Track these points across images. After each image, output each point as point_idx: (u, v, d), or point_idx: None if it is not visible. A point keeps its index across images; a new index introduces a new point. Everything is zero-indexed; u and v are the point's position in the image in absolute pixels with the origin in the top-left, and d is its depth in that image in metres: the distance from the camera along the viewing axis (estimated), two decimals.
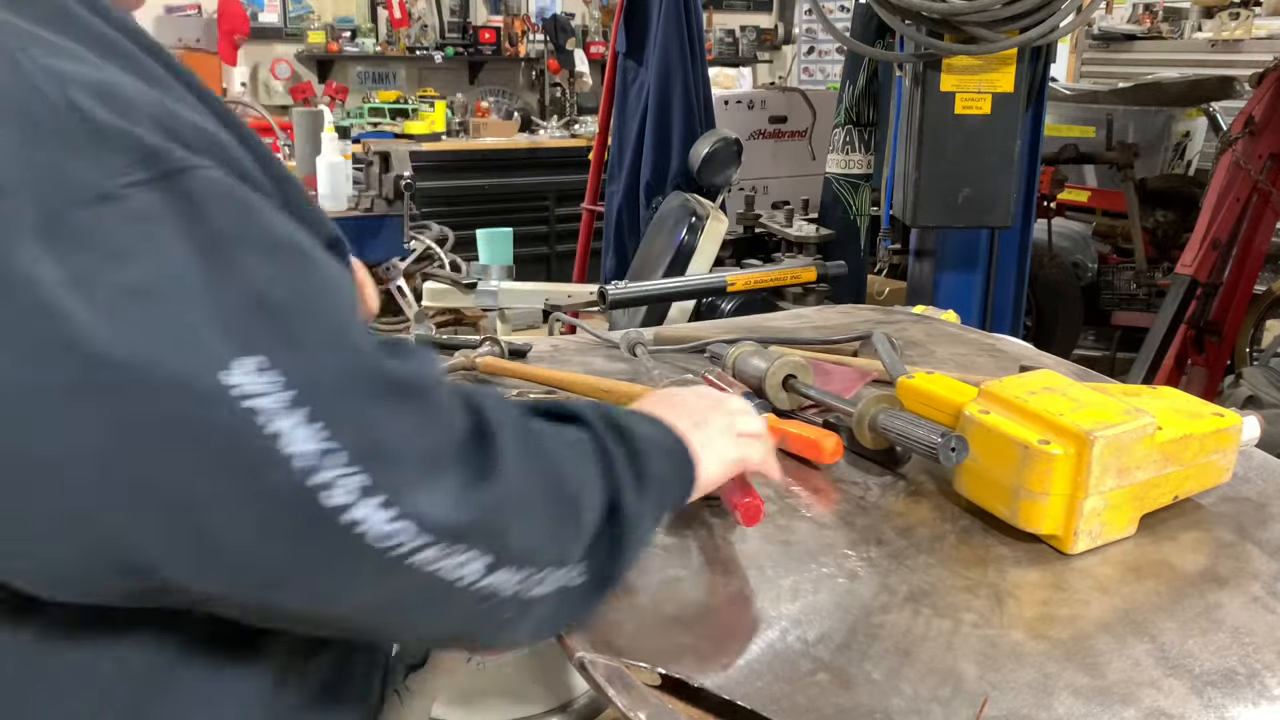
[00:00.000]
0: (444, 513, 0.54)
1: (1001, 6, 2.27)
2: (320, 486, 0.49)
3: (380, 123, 5.91)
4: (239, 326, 0.48)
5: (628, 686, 0.70)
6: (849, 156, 3.63)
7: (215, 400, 0.47)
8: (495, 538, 0.57)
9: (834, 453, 1.05)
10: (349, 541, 0.51)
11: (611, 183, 3.92)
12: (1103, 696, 0.71)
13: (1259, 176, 3.35)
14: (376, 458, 0.51)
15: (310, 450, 0.49)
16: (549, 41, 6.61)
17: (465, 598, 0.57)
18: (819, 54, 7.01)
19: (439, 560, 0.54)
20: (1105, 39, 6.30)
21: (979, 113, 2.41)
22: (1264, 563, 0.90)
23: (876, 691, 0.70)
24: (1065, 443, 0.88)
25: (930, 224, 2.61)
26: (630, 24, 3.77)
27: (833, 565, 0.87)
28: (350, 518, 0.50)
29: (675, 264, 2.84)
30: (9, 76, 0.48)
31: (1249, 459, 1.09)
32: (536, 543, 0.61)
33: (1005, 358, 1.43)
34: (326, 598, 0.54)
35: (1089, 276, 4.55)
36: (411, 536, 0.52)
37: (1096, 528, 0.90)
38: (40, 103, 0.48)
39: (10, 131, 0.47)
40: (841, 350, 1.42)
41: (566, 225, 5.55)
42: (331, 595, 0.54)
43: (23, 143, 0.47)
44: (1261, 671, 0.74)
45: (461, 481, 0.56)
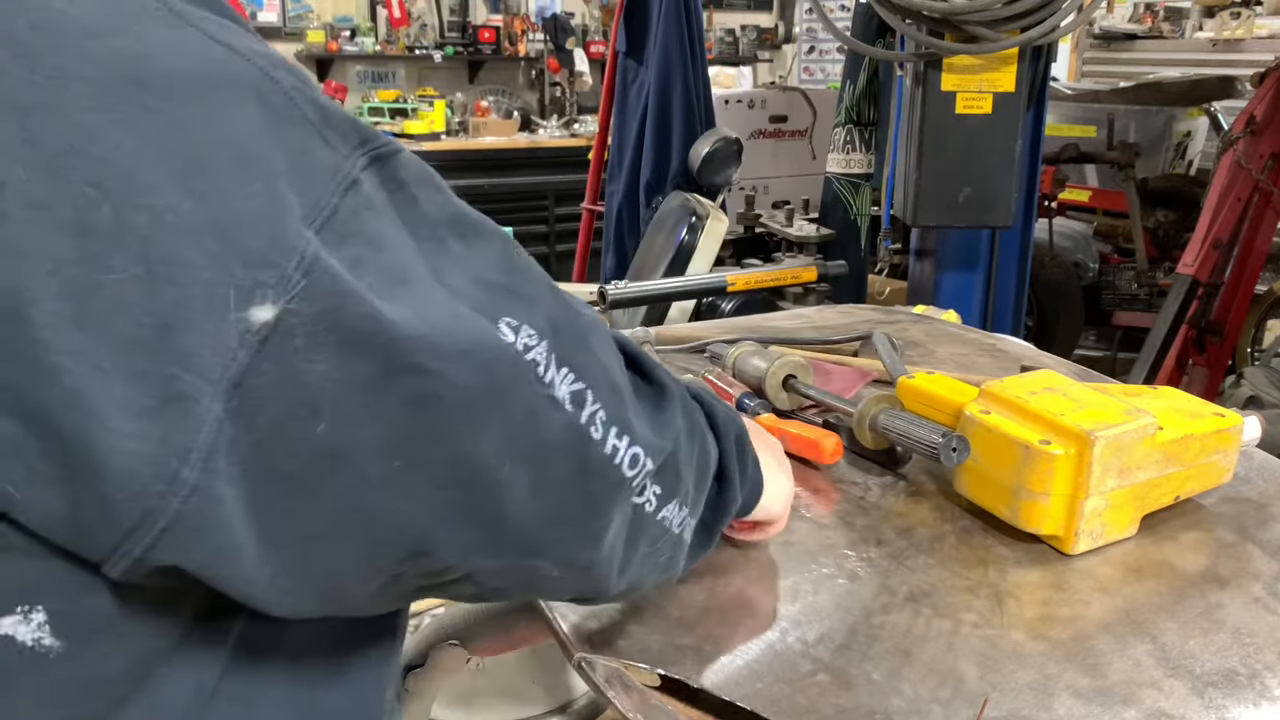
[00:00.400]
0: (652, 439, 0.57)
1: (1002, 6, 2.27)
2: (587, 423, 0.52)
3: (380, 122, 5.91)
4: (480, 297, 0.49)
5: (628, 687, 0.70)
6: (849, 156, 3.63)
7: (506, 358, 0.48)
8: (673, 469, 0.61)
9: (834, 453, 1.04)
10: (612, 473, 0.54)
11: (611, 182, 3.92)
12: (1103, 697, 0.71)
13: (1260, 176, 3.35)
14: (610, 391, 0.54)
15: (573, 391, 0.51)
16: (549, 41, 6.61)
17: (654, 528, 0.61)
18: (819, 53, 7.01)
19: (649, 487, 0.58)
20: (1106, 38, 6.30)
21: (980, 112, 2.41)
22: (1265, 563, 0.90)
23: (877, 692, 0.70)
24: (1066, 443, 0.88)
25: (931, 224, 2.61)
26: (630, 23, 3.77)
27: (833, 566, 0.87)
28: (609, 449, 0.53)
29: (675, 264, 2.84)
30: (220, 54, 0.44)
31: (1250, 459, 1.09)
32: (691, 482, 0.64)
33: (1006, 358, 1.43)
34: (589, 541, 0.55)
35: (1090, 276, 4.55)
36: (642, 462, 0.56)
37: (1097, 528, 0.90)
38: (264, 83, 0.44)
39: (256, 112, 0.44)
40: (842, 350, 1.42)
41: (566, 225, 5.56)
42: (595, 538, 0.56)
43: (269, 126, 0.44)
44: (1262, 672, 0.74)
45: (649, 413, 0.59)
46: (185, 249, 0.40)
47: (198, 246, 0.40)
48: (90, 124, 0.39)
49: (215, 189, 0.41)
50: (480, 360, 0.47)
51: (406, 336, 0.44)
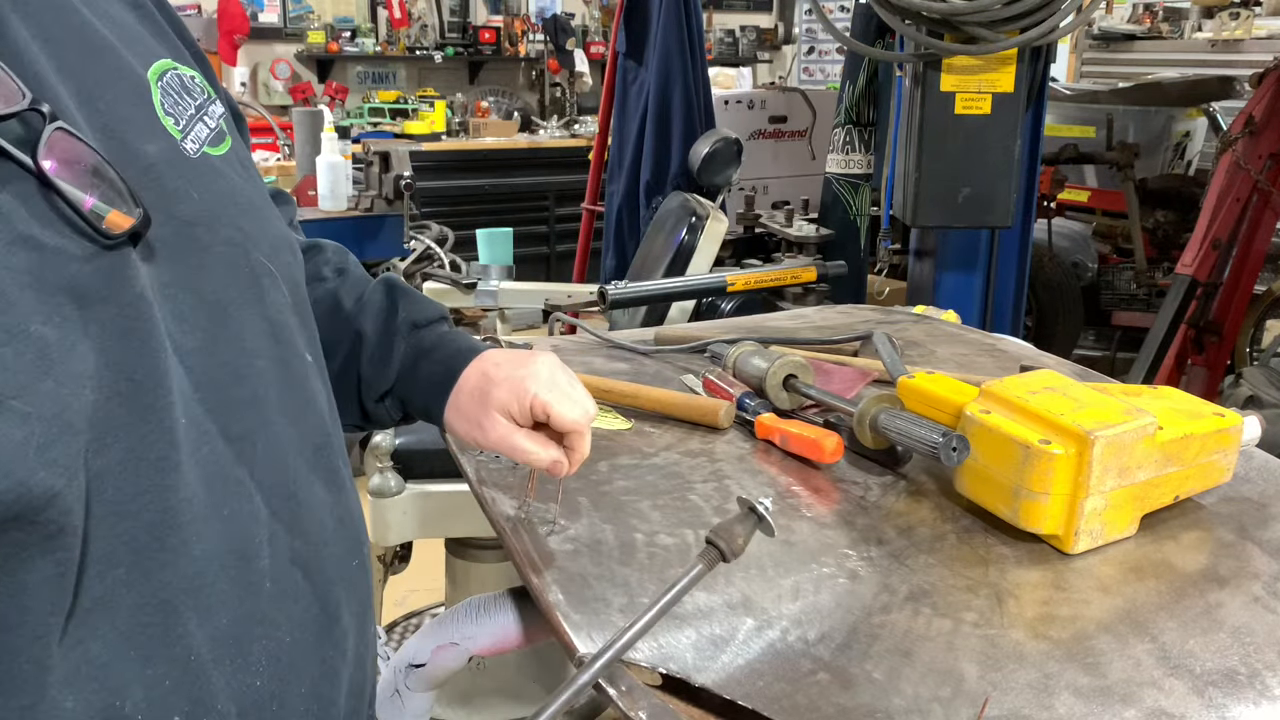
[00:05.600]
0: None
1: (1001, 6, 2.27)
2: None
3: (380, 123, 5.91)
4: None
5: (629, 686, 0.70)
6: (849, 156, 3.63)
7: None
8: None
9: (834, 452, 1.05)
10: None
11: (611, 183, 3.92)
12: (1103, 696, 0.71)
13: (1259, 176, 3.35)
14: None
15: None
16: (549, 41, 6.61)
17: None
18: (819, 54, 7.01)
19: None
20: (1105, 39, 6.30)
21: (979, 113, 2.41)
22: (1265, 563, 0.90)
23: (877, 691, 0.70)
24: (1066, 442, 0.88)
25: (930, 224, 2.61)
26: (630, 24, 3.77)
27: (833, 565, 0.87)
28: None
29: (675, 264, 2.84)
30: None
31: (1249, 459, 1.10)
32: None
33: (1005, 358, 1.43)
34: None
35: (1089, 276, 4.56)
36: None
37: (1097, 527, 0.90)
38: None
39: None
40: (841, 350, 1.42)
41: (566, 225, 5.55)
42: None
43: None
44: (1262, 671, 0.74)
45: None
46: None
47: None
48: None
49: None
50: None
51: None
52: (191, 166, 0.64)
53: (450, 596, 2.20)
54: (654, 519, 0.94)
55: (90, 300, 0.53)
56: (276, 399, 0.66)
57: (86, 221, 0.54)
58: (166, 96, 0.65)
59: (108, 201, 0.55)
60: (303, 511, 0.67)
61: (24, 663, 0.52)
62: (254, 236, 0.68)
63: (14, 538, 0.49)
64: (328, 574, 0.69)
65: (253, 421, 0.64)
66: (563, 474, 0.84)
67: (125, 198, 0.57)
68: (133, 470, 0.55)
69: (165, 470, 0.56)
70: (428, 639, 1.03)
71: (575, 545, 0.89)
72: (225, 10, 5.97)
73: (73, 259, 0.53)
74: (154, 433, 0.56)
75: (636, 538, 0.91)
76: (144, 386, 0.56)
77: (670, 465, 1.07)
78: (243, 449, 0.62)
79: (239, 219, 0.67)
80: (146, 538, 0.56)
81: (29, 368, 0.49)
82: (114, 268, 0.55)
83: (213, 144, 0.67)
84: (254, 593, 0.62)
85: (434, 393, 0.89)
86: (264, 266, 0.68)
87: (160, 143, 0.62)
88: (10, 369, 0.48)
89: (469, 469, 1.05)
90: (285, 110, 5.55)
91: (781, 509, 0.97)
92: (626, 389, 1.22)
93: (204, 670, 0.59)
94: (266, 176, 4.51)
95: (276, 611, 0.64)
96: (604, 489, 1.01)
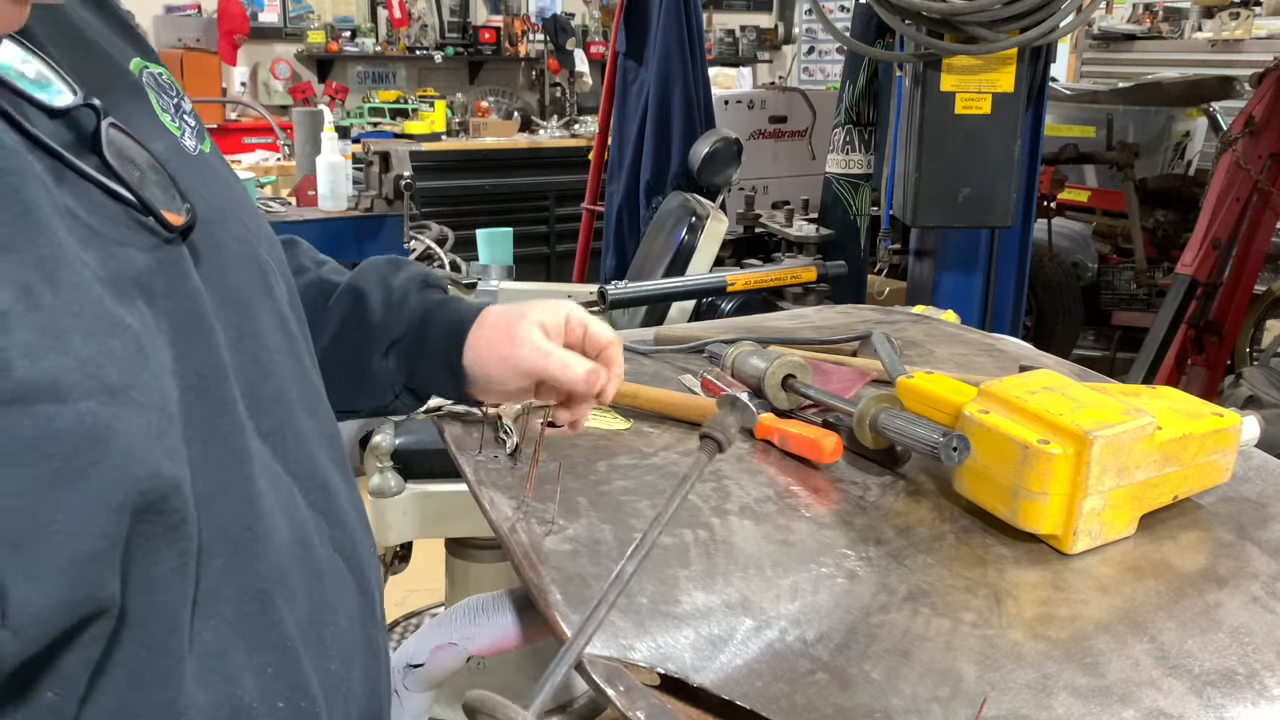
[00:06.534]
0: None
1: (1001, 6, 2.27)
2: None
3: (380, 123, 5.91)
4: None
5: (627, 686, 0.70)
6: (849, 156, 3.63)
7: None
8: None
9: (833, 452, 1.05)
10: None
11: (611, 183, 3.92)
12: (1102, 696, 0.71)
13: (1259, 176, 3.35)
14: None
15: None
16: (549, 41, 6.62)
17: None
18: (819, 54, 7.02)
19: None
20: (1105, 39, 6.31)
21: (979, 112, 2.41)
22: (1263, 563, 0.90)
23: (876, 691, 0.70)
24: (1065, 442, 0.88)
25: (930, 224, 2.62)
26: (630, 24, 3.77)
27: (832, 565, 0.87)
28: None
29: (675, 264, 2.84)
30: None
31: (1248, 459, 1.09)
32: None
33: (1005, 358, 1.43)
34: None
35: (1089, 276, 4.56)
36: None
37: (1096, 528, 0.90)
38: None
39: None
40: (841, 350, 1.42)
41: (566, 225, 5.55)
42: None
43: None
44: (1261, 671, 0.74)
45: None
46: None
47: None
48: None
49: None
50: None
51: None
52: (193, 164, 0.64)
53: (450, 596, 2.20)
54: (652, 518, 0.94)
55: (156, 294, 0.54)
56: (296, 393, 0.67)
57: (152, 214, 0.55)
58: (156, 94, 0.64)
59: (160, 197, 0.56)
60: (333, 501, 0.68)
61: (163, 657, 0.52)
62: (256, 233, 0.69)
63: (144, 530, 0.49)
64: (362, 559, 0.70)
65: (281, 416, 0.64)
66: (599, 385, 0.84)
67: (174, 193, 0.57)
68: (215, 461, 0.55)
69: (243, 461, 0.57)
70: (426, 639, 1.03)
71: (574, 545, 0.89)
72: (225, 10, 5.97)
73: (140, 252, 0.53)
74: (228, 424, 0.57)
75: (635, 537, 0.91)
76: (211, 379, 0.56)
77: (669, 465, 1.07)
78: (275, 444, 0.63)
79: (242, 215, 0.67)
80: (237, 528, 0.56)
81: (134, 359, 0.49)
82: (173, 261, 0.56)
83: (200, 140, 0.67)
84: (318, 580, 0.63)
85: (453, 331, 0.87)
86: (268, 262, 0.68)
87: (164, 141, 0.62)
88: (120, 359, 0.48)
89: (468, 469, 1.05)
90: (285, 110, 5.55)
91: (780, 509, 0.97)
92: (625, 389, 1.22)
93: (297, 656, 0.60)
94: (266, 176, 4.53)
95: (334, 597, 0.65)
96: (603, 489, 1.01)
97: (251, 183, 3.90)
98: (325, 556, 0.65)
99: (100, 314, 0.49)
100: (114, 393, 0.47)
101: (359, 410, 0.92)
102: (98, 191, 0.53)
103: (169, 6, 6.14)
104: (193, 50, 5.95)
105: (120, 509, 0.46)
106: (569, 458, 1.06)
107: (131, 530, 0.47)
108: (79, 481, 0.45)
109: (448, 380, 0.89)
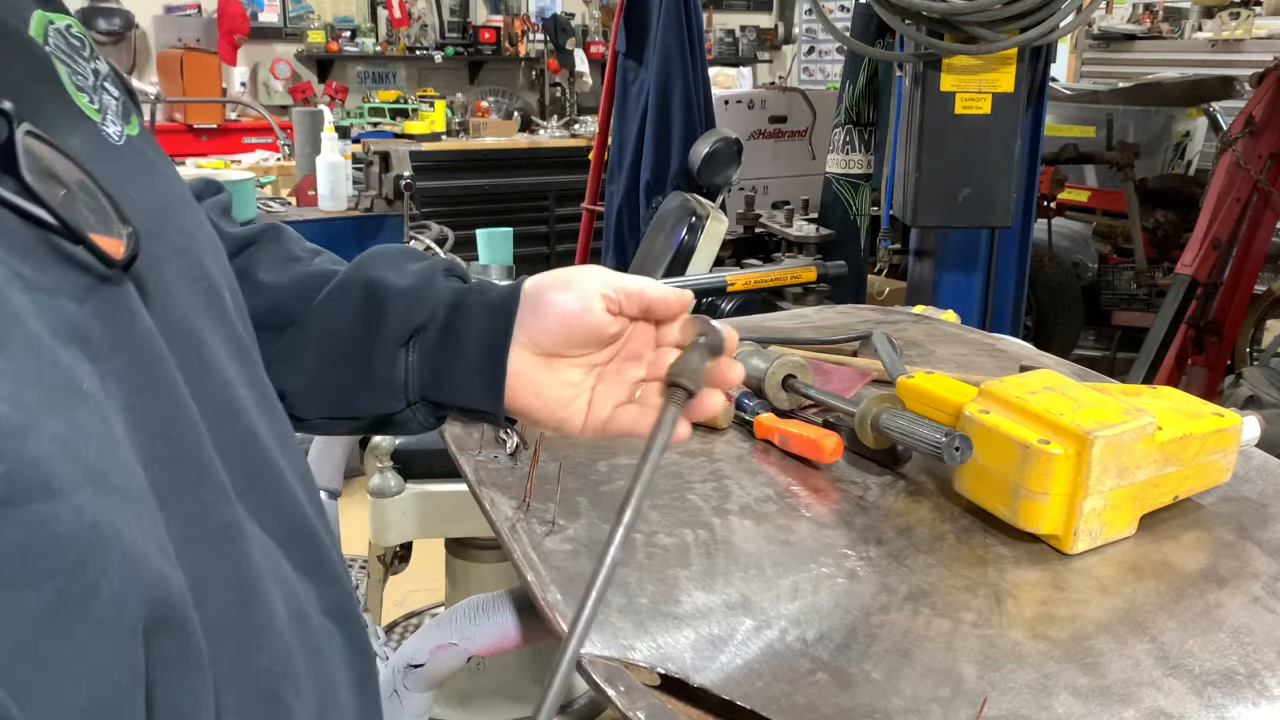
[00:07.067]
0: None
1: (1001, 6, 2.27)
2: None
3: (380, 123, 5.91)
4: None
5: (627, 686, 0.70)
6: (849, 156, 3.63)
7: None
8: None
9: (834, 452, 1.05)
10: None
11: (611, 183, 3.92)
12: (1102, 696, 0.71)
13: (1259, 176, 3.35)
14: None
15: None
16: (549, 41, 6.62)
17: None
18: (819, 54, 7.02)
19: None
20: (1105, 39, 6.31)
21: (979, 112, 2.41)
22: (1264, 563, 0.90)
23: (876, 691, 0.70)
24: (1065, 442, 0.88)
25: (930, 224, 2.62)
26: (630, 24, 3.77)
27: (832, 565, 0.87)
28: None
29: (675, 264, 2.84)
30: None
31: (1249, 459, 1.09)
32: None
33: (1005, 358, 1.43)
34: None
35: (1089, 276, 4.56)
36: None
37: (1096, 527, 0.90)
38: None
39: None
40: (841, 350, 1.42)
41: (566, 225, 5.56)
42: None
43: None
44: (1261, 671, 0.74)
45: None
46: None
47: None
48: None
49: None
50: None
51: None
52: (120, 157, 0.51)
53: (450, 596, 2.20)
54: (653, 519, 0.94)
55: (99, 348, 0.42)
56: (265, 430, 0.54)
57: (85, 246, 0.42)
58: (67, 63, 0.49)
59: (93, 222, 0.43)
60: (321, 554, 0.57)
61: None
62: (199, 240, 0.55)
63: (159, 653, 0.39)
64: (352, 614, 0.58)
65: (255, 464, 0.53)
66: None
67: (110, 215, 0.44)
68: (201, 544, 0.44)
69: (233, 537, 0.47)
70: (426, 639, 1.03)
71: (574, 545, 0.89)
72: (225, 10, 5.98)
73: (70, 301, 0.41)
74: (209, 493, 0.46)
75: (635, 538, 0.91)
76: (182, 444, 0.45)
77: (669, 465, 1.07)
78: (252, 501, 0.51)
79: (181, 220, 0.54)
80: (236, 619, 0.46)
81: (103, 433, 0.39)
82: (116, 303, 0.44)
83: (125, 120, 0.53)
84: (318, 657, 0.53)
85: (495, 310, 0.69)
86: (214, 275, 0.55)
87: (82, 132, 0.48)
88: (91, 435, 0.38)
89: (468, 469, 1.05)
90: (285, 110, 5.56)
91: (781, 509, 0.97)
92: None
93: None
94: (266, 176, 4.52)
95: (334, 672, 0.55)
96: (603, 489, 1.01)
97: (251, 183, 3.90)
98: (319, 625, 0.54)
99: (61, 380, 0.38)
100: (97, 480, 0.37)
101: (359, 418, 0.74)
102: (15, 220, 0.40)
103: (169, 6, 6.14)
104: (193, 50, 5.95)
105: (136, 631, 0.37)
106: (569, 458, 1.06)
107: (148, 655, 0.38)
108: (90, 600, 0.35)
109: (485, 380, 0.69)
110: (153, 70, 6.15)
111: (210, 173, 4.09)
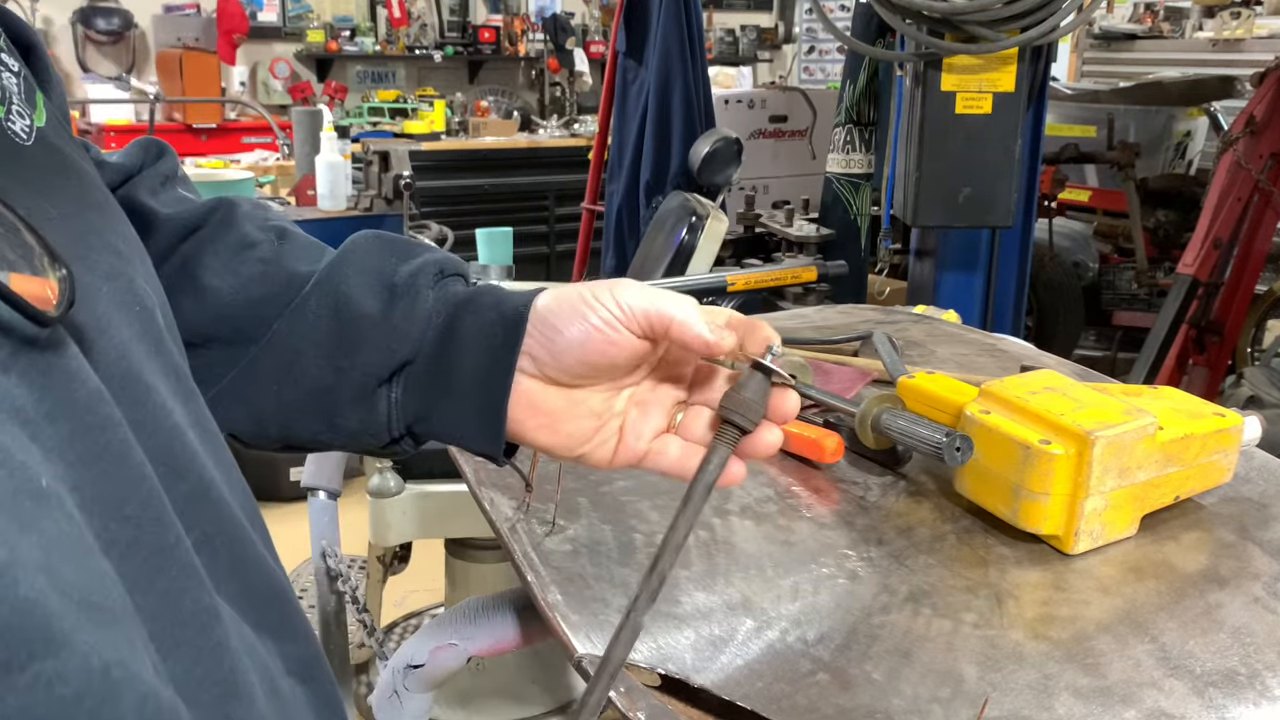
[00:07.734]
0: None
1: (1002, 6, 2.27)
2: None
3: (380, 122, 5.91)
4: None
5: (628, 687, 0.70)
6: (849, 156, 3.63)
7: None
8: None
9: (834, 453, 1.04)
10: None
11: (611, 182, 3.92)
12: (1103, 697, 0.71)
13: (1260, 176, 3.35)
14: None
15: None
16: (549, 41, 6.62)
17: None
18: (819, 53, 7.02)
19: None
20: (1106, 38, 6.30)
21: (980, 112, 2.41)
22: (1265, 563, 0.90)
23: (877, 692, 0.70)
24: (1066, 443, 0.88)
25: (931, 224, 2.62)
26: (630, 23, 3.77)
27: (833, 565, 0.87)
28: None
29: (675, 264, 2.84)
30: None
31: (1250, 459, 1.09)
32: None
33: (1006, 358, 1.43)
34: None
35: (1090, 276, 4.55)
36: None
37: (1097, 528, 0.90)
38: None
39: None
40: (841, 350, 1.42)
41: (566, 225, 5.56)
42: None
43: None
44: (1262, 672, 0.74)
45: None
46: None
47: None
48: None
49: None
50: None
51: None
52: (30, 161, 0.42)
53: (450, 597, 2.20)
54: (653, 519, 0.94)
55: (36, 422, 0.34)
56: (218, 474, 0.46)
57: (6, 302, 0.34)
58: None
59: (14, 259, 0.35)
60: (284, 608, 0.49)
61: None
62: (126, 254, 0.46)
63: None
64: (321, 670, 0.51)
65: (208, 516, 0.44)
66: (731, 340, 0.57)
67: (37, 254, 0.36)
68: (175, 637, 0.38)
69: (209, 625, 0.40)
70: (426, 639, 1.03)
71: (574, 546, 0.89)
72: (224, 10, 5.98)
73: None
74: (180, 579, 0.39)
75: (636, 538, 0.91)
76: (144, 520, 0.38)
77: None
78: (207, 559, 0.43)
79: (106, 232, 0.45)
80: (217, 716, 0.40)
81: (79, 544, 0.32)
82: (51, 364, 0.36)
83: (30, 105, 0.43)
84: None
85: (496, 344, 0.58)
86: (146, 295, 0.46)
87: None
88: (68, 553, 0.31)
89: (468, 469, 1.05)
90: (285, 110, 5.56)
91: (781, 509, 0.97)
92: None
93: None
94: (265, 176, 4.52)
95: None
96: (603, 489, 1.00)
97: (250, 182, 3.90)
98: (288, 691, 0.47)
99: (18, 486, 0.31)
100: (89, 607, 0.31)
101: (335, 446, 0.64)
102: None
103: (168, 6, 6.14)
104: (192, 50, 5.95)
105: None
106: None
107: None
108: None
109: (482, 420, 0.59)
110: (152, 70, 6.16)
111: (210, 172, 4.09)
